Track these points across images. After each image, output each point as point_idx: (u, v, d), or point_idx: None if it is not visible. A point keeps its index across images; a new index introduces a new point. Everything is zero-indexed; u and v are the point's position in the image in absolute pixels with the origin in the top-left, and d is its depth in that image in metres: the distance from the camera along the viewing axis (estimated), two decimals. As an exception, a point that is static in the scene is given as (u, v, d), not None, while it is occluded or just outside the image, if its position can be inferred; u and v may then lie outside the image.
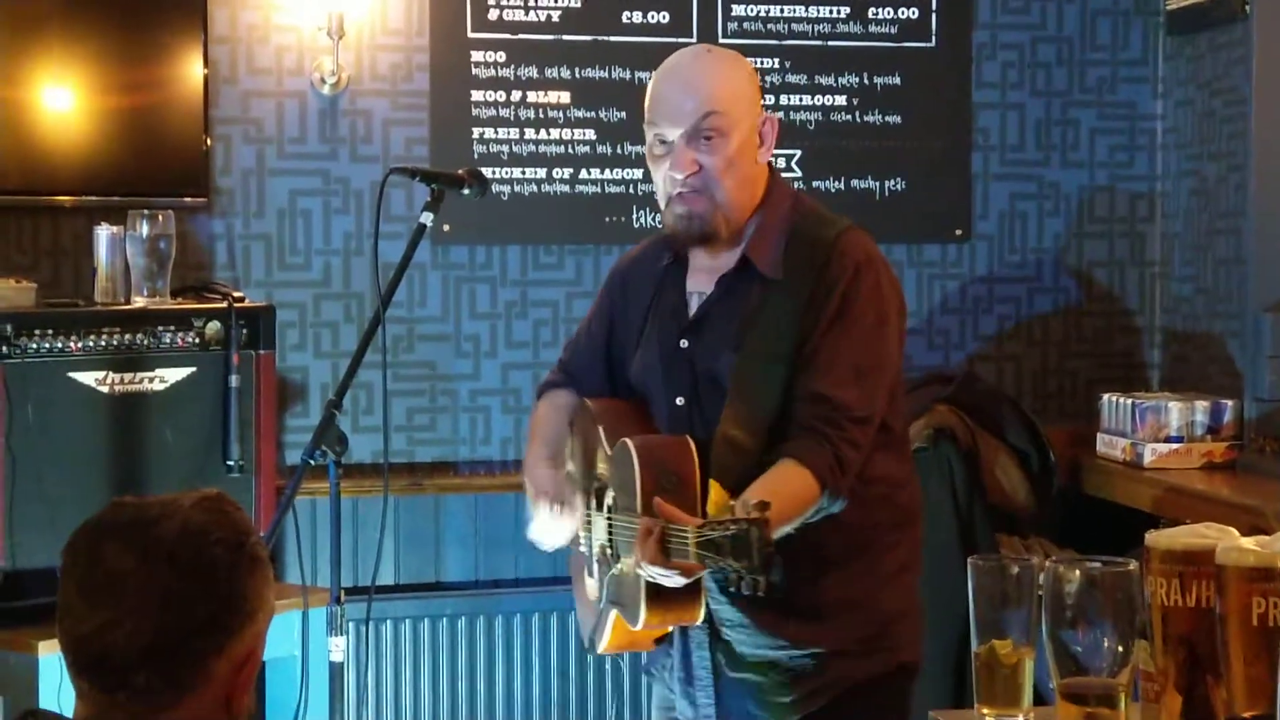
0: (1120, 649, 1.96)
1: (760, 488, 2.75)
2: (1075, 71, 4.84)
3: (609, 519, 3.09)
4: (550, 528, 3.18)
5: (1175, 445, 4.24)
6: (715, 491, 2.82)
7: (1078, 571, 1.98)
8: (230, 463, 3.76)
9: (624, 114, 4.61)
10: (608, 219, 4.64)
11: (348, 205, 4.51)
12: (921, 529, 3.22)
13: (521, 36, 4.57)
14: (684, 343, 3.06)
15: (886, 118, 4.71)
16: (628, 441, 2.96)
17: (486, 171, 4.25)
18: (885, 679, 3.11)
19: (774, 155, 3.15)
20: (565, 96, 4.61)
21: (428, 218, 3.44)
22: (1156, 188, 4.88)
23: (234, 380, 3.76)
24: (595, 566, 3.18)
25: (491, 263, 4.60)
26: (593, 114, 4.61)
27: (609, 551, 3.09)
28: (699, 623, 2.98)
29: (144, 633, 1.78)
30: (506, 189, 4.56)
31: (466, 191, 3.52)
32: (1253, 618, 1.81)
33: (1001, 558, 2.12)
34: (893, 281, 3.09)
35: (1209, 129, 4.61)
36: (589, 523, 3.20)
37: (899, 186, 4.67)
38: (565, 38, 4.59)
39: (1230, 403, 4.30)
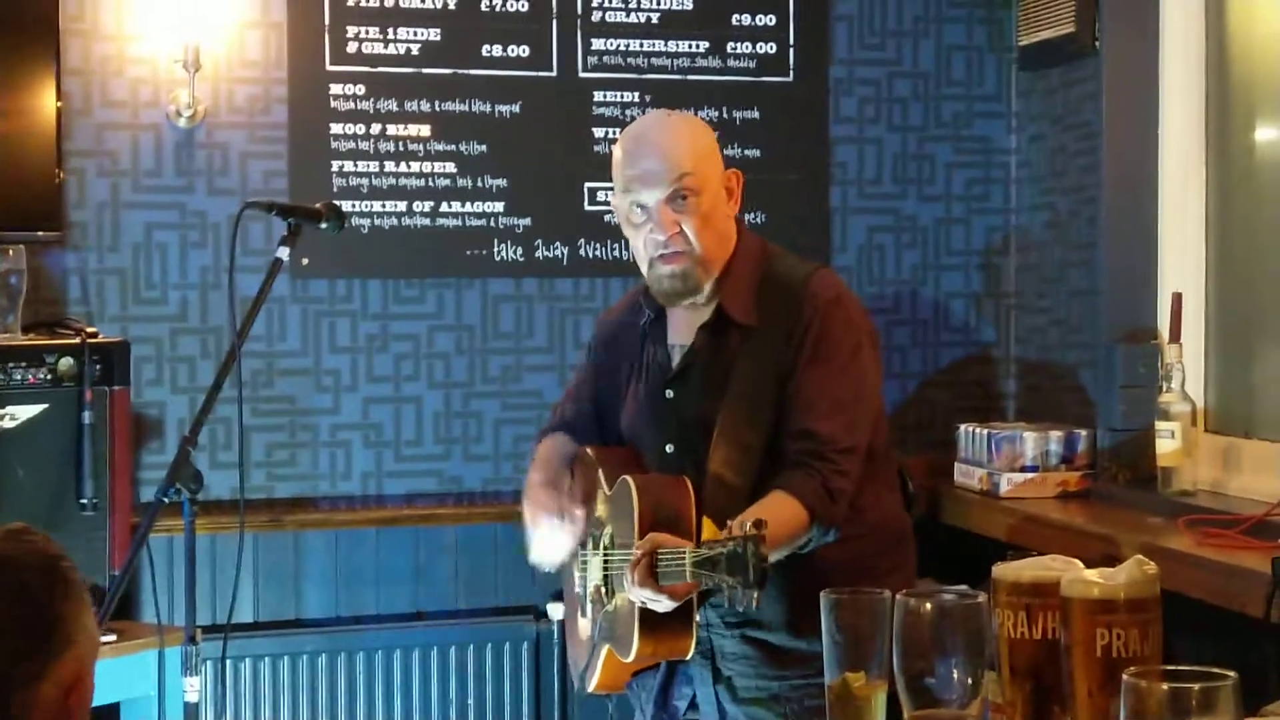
0: (970, 681, 1.98)
1: (752, 513, 2.80)
2: (931, 107, 4.90)
3: (605, 556, 3.15)
4: (551, 542, 3.21)
5: (1030, 475, 4.28)
6: (708, 529, 2.92)
7: (929, 604, 1.99)
8: (84, 501, 3.69)
9: (484, 147, 4.61)
10: (469, 252, 4.62)
11: (205, 239, 4.46)
12: (913, 549, 3.31)
13: (381, 69, 4.56)
14: (669, 393, 3.17)
15: (746, 151, 4.74)
16: (628, 479, 3.06)
17: (346, 205, 4.26)
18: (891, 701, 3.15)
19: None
20: (425, 130, 4.60)
21: (284, 252, 3.43)
22: (1011, 221, 4.94)
23: (87, 417, 3.70)
24: (589, 606, 3.24)
25: (352, 296, 4.58)
26: (453, 147, 4.60)
27: (604, 590, 3.16)
28: (689, 655, 3.04)
29: None
30: (366, 222, 4.54)
31: (324, 225, 3.51)
32: (1097, 649, 1.84)
33: (855, 590, 2.14)
34: (862, 313, 3.23)
35: (1061, 163, 4.67)
36: (584, 564, 3.27)
37: (759, 219, 4.68)
38: (425, 71, 4.58)
39: (1084, 432, 4.35)
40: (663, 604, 2.83)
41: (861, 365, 3.12)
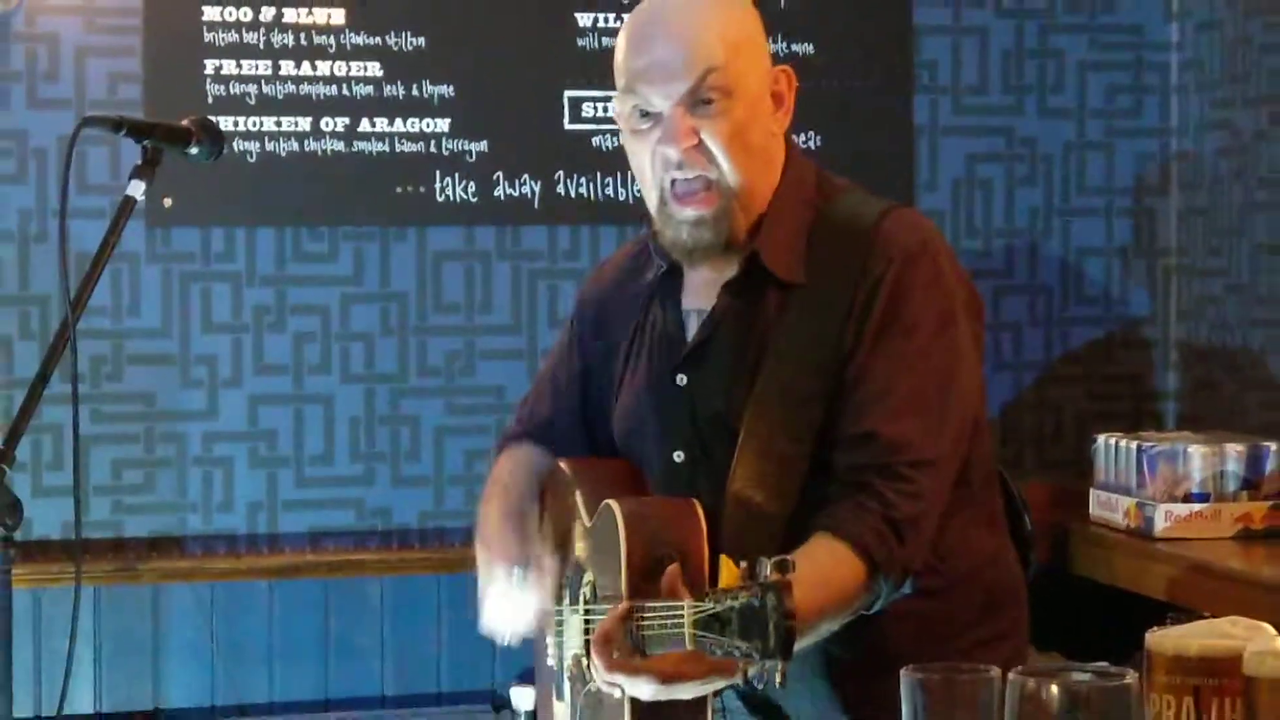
0: (1118, 794, 1.99)
1: (807, 567, 2.69)
2: (1044, 29, 4.95)
3: (586, 614, 3.10)
4: (509, 605, 3.19)
5: (1199, 506, 4.28)
6: (726, 570, 2.73)
7: (1055, 687, 2.00)
8: None
9: (421, 40, 4.64)
10: (399, 189, 4.67)
11: (24, 171, 4.50)
12: (1025, 612, 3.28)
13: (275, -72, 4.58)
14: (681, 378, 3.13)
15: (793, 46, 4.77)
16: (612, 504, 2.98)
17: (224, 123, 4.26)
18: None
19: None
20: (338, 15, 4.63)
21: (138, 188, 3.42)
22: (1172, 145, 4.99)
23: None
24: (566, 685, 3.22)
25: (234, 252, 4.61)
26: (377, 40, 4.63)
27: (585, 662, 3.08)
28: None
29: None
30: (254, 146, 4.58)
31: (194, 150, 3.51)
32: (1296, 749, 1.85)
33: (950, 666, 2.15)
34: (959, 274, 3.15)
35: (1243, 65, 4.70)
36: (560, 626, 3.24)
37: (813, 143, 4.72)
38: (338, -68, 4.61)
39: (1274, 446, 4.34)
40: (644, 689, 2.82)
41: (953, 347, 3.07)
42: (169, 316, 4.57)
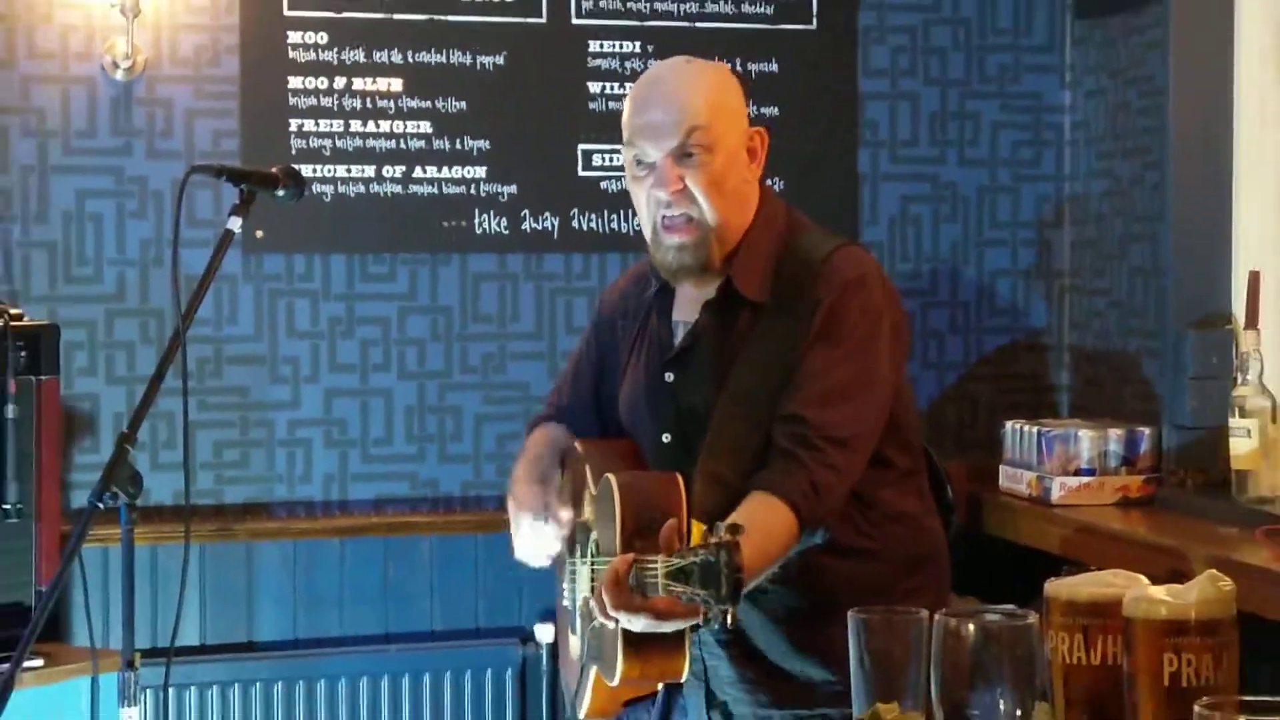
0: (1019, 712, 1.98)
1: (732, 518, 2.75)
2: (974, 58, 4.91)
3: (593, 565, 3.13)
4: (532, 542, 3.23)
5: (1086, 479, 4.28)
6: (696, 531, 2.87)
7: (972, 626, 1.99)
8: (6, 506, 3.69)
9: (464, 104, 4.62)
10: (446, 223, 4.63)
11: (145, 209, 4.46)
12: (945, 568, 3.29)
13: (346, 15, 4.56)
14: (668, 376, 3.17)
15: (762, 109, 4.72)
16: (611, 478, 3.01)
17: (306, 169, 4.25)
18: None
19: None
20: (397, 84, 4.60)
21: (236, 223, 3.41)
22: (1065, 189, 4.95)
23: (10, 411, 3.70)
24: (578, 622, 3.23)
25: (312, 274, 4.58)
26: (428, 104, 4.61)
27: (591, 603, 3.08)
28: (683, 678, 3.01)
29: None
30: (329, 189, 4.54)
31: (281, 192, 3.50)
32: (1164, 676, 1.84)
33: (889, 610, 2.14)
34: (891, 299, 3.19)
35: (1122, 123, 4.67)
36: (573, 574, 3.27)
37: (777, 186, 4.68)
38: (396, 16, 4.59)
39: (1148, 431, 4.34)
40: (638, 623, 2.81)
41: (873, 357, 3.08)
42: (260, 326, 4.55)
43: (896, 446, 3.20)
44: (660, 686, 3.19)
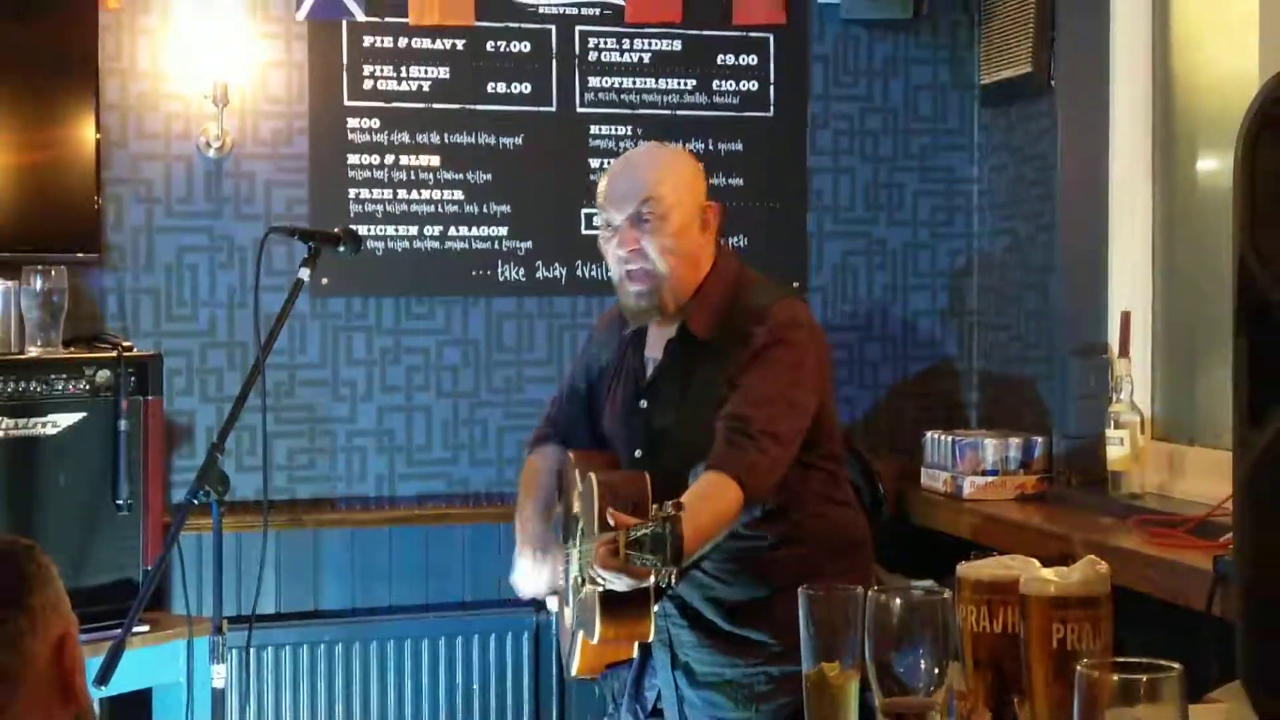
0: (936, 670, 1.97)
1: (687, 497, 2.82)
2: (900, 140, 4.90)
3: (580, 549, 3.14)
4: (529, 576, 3.30)
5: (991, 478, 4.27)
6: (653, 510, 2.87)
7: (898, 600, 1.98)
8: (119, 502, 3.68)
9: (489, 176, 4.61)
10: (474, 273, 4.62)
11: (232, 261, 4.46)
12: (868, 554, 3.28)
13: (394, 105, 4.55)
14: (643, 403, 3.22)
15: (730, 180, 4.74)
16: (591, 475, 3.06)
17: (362, 229, 4.26)
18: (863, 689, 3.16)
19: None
20: (435, 160, 4.59)
21: (305, 273, 3.43)
22: (973, 245, 4.94)
23: (123, 425, 3.68)
24: (570, 596, 3.24)
25: (367, 313, 4.57)
26: (460, 176, 4.60)
27: (579, 580, 3.14)
28: (649, 638, 3.05)
29: None
30: (381, 245, 4.53)
31: (341, 248, 3.51)
32: (1052, 642, 1.83)
33: (830, 587, 2.13)
34: (817, 341, 3.22)
35: (1019, 192, 4.67)
36: (567, 557, 3.28)
37: (742, 243, 4.70)
38: (435, 106, 4.58)
39: (1040, 439, 4.33)
40: (620, 583, 2.82)
41: (800, 377, 3.10)
42: (325, 355, 4.53)
43: (822, 455, 3.21)
44: (635, 650, 3.18)
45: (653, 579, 2.80)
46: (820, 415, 3.18)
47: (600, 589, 2.90)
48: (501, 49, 4.62)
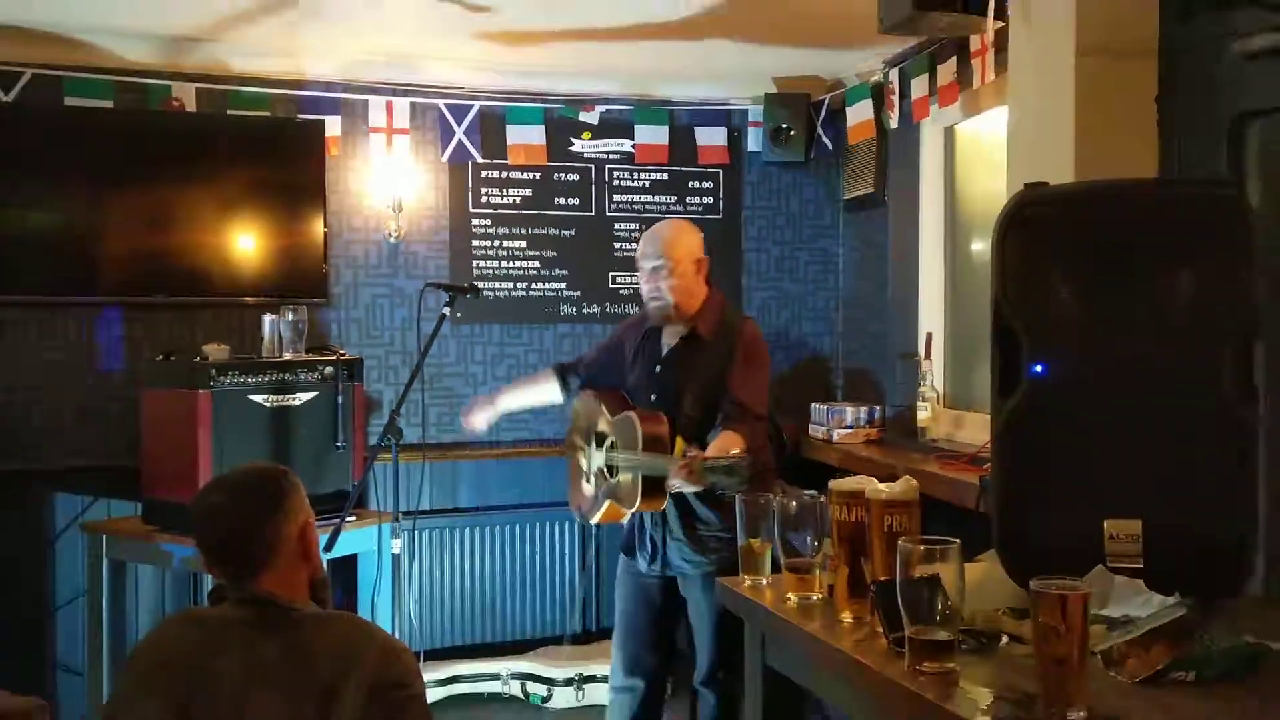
0: (817, 543, 1.99)
1: (720, 443, 2.82)
2: (796, 232, 4.89)
3: (609, 454, 3.08)
4: (474, 415, 3.36)
5: (850, 430, 4.27)
6: (679, 443, 2.91)
7: (794, 502, 2.00)
8: (338, 444, 3.69)
9: (554, 253, 4.62)
10: (544, 310, 4.62)
11: (403, 302, 4.46)
12: (772, 477, 3.25)
13: (499, 211, 4.56)
14: (658, 369, 3.14)
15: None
16: (631, 414, 3.01)
17: (480, 284, 4.26)
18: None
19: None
20: (523, 244, 4.59)
21: (446, 310, 3.44)
22: (839, 294, 4.92)
23: (340, 399, 3.70)
24: (593, 478, 3.16)
25: (483, 333, 4.57)
26: (537, 253, 4.60)
27: (606, 472, 3.09)
28: (661, 509, 3.02)
29: (240, 521, 1.81)
30: (490, 293, 4.53)
31: (468, 295, 3.52)
32: (884, 527, 1.85)
33: (758, 496, 2.15)
34: (764, 345, 3.17)
35: (865, 263, 4.67)
36: (587, 454, 3.20)
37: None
38: (522, 211, 4.58)
39: (879, 408, 4.34)
40: (688, 488, 2.83)
41: (766, 375, 3.11)
42: (459, 359, 4.53)
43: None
44: (626, 519, 3.14)
45: (699, 487, 2.79)
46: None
47: (638, 477, 2.89)
48: (562, 179, 4.62)
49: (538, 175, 4.59)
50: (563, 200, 4.63)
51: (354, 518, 3.66)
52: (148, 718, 1.71)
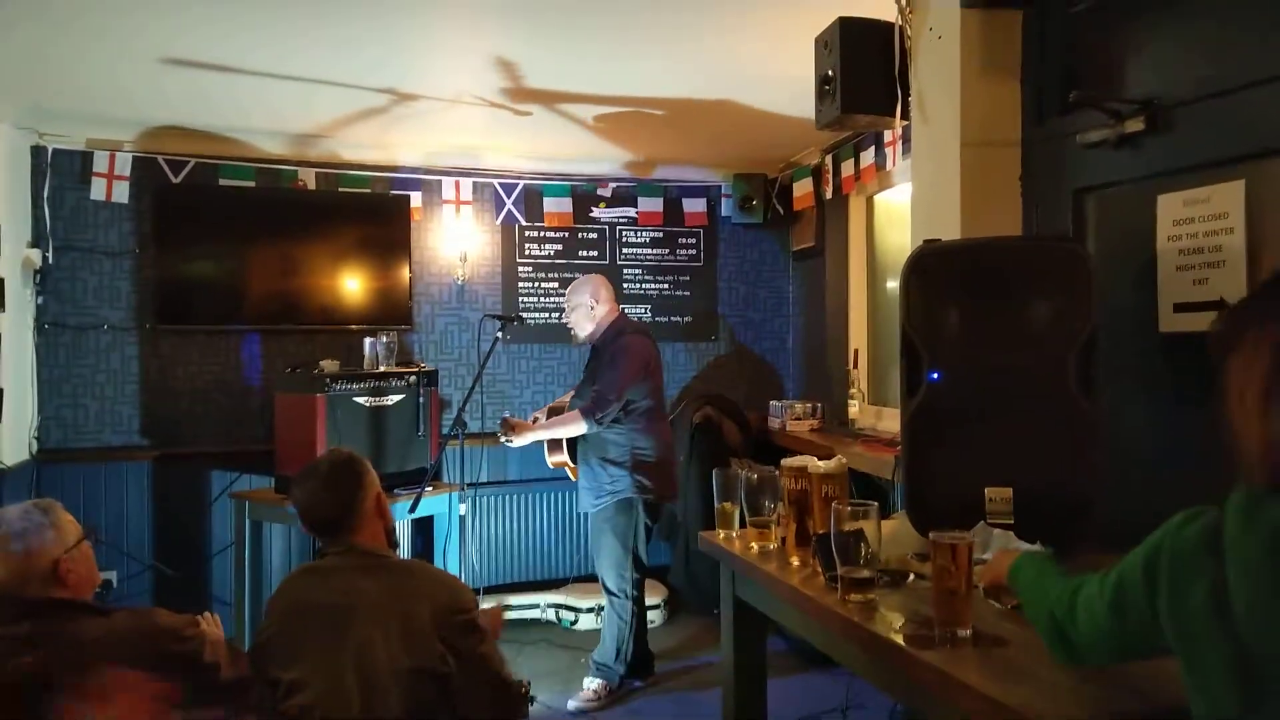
0: (773, 505, 1.99)
1: (557, 419, 2.92)
2: (758, 276, 4.85)
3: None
4: (514, 438, 3.22)
5: (799, 421, 4.25)
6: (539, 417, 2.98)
7: (756, 474, 2.00)
8: (419, 434, 3.66)
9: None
10: (571, 334, 4.56)
11: (469, 329, 4.43)
12: (654, 469, 3.19)
13: (538, 260, 4.54)
14: (584, 371, 3.20)
15: (683, 292, 4.72)
16: (549, 406, 3.12)
17: (524, 314, 4.25)
18: (627, 501, 3.16)
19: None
20: (556, 284, 4.57)
21: (499, 334, 3.44)
22: (790, 322, 4.89)
23: (421, 400, 3.67)
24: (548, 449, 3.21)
25: (527, 351, 4.54)
26: (563, 293, 4.58)
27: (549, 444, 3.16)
28: (563, 463, 3.10)
29: (331, 501, 1.82)
30: (532, 321, 4.51)
31: (515, 323, 3.52)
32: (822, 494, 1.85)
33: (729, 470, 2.15)
34: (639, 349, 3.10)
35: (810, 299, 4.64)
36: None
37: (686, 319, 4.70)
38: (556, 260, 4.57)
39: (821, 404, 4.31)
40: (523, 439, 2.98)
41: (621, 369, 3.08)
42: (509, 370, 4.50)
43: (638, 415, 3.16)
44: (574, 471, 3.19)
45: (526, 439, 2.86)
46: (655, 389, 3.18)
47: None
48: (584, 237, 4.61)
49: (566, 234, 4.58)
50: (585, 253, 4.62)
51: (431, 488, 3.64)
52: (291, 641, 1.74)
